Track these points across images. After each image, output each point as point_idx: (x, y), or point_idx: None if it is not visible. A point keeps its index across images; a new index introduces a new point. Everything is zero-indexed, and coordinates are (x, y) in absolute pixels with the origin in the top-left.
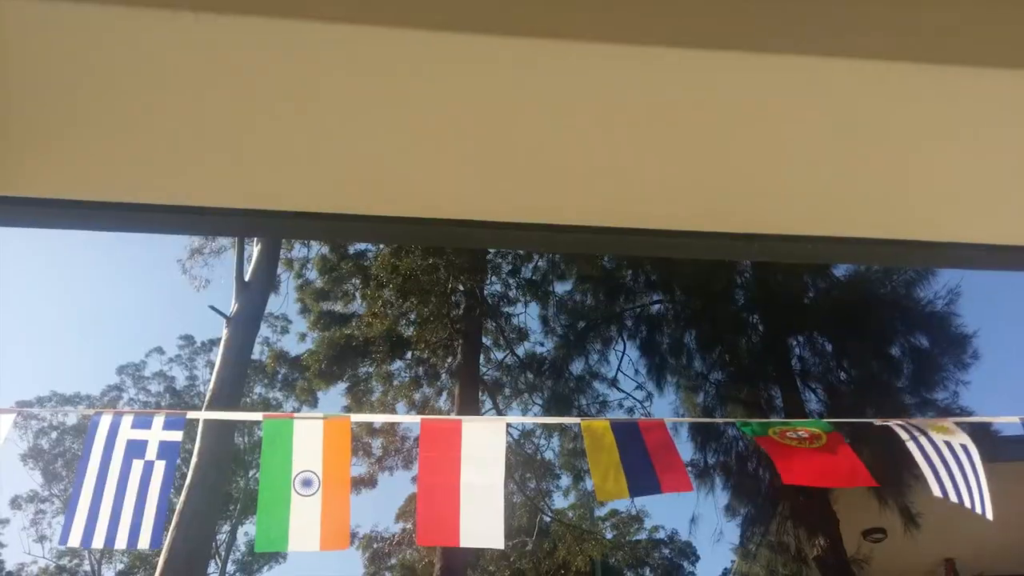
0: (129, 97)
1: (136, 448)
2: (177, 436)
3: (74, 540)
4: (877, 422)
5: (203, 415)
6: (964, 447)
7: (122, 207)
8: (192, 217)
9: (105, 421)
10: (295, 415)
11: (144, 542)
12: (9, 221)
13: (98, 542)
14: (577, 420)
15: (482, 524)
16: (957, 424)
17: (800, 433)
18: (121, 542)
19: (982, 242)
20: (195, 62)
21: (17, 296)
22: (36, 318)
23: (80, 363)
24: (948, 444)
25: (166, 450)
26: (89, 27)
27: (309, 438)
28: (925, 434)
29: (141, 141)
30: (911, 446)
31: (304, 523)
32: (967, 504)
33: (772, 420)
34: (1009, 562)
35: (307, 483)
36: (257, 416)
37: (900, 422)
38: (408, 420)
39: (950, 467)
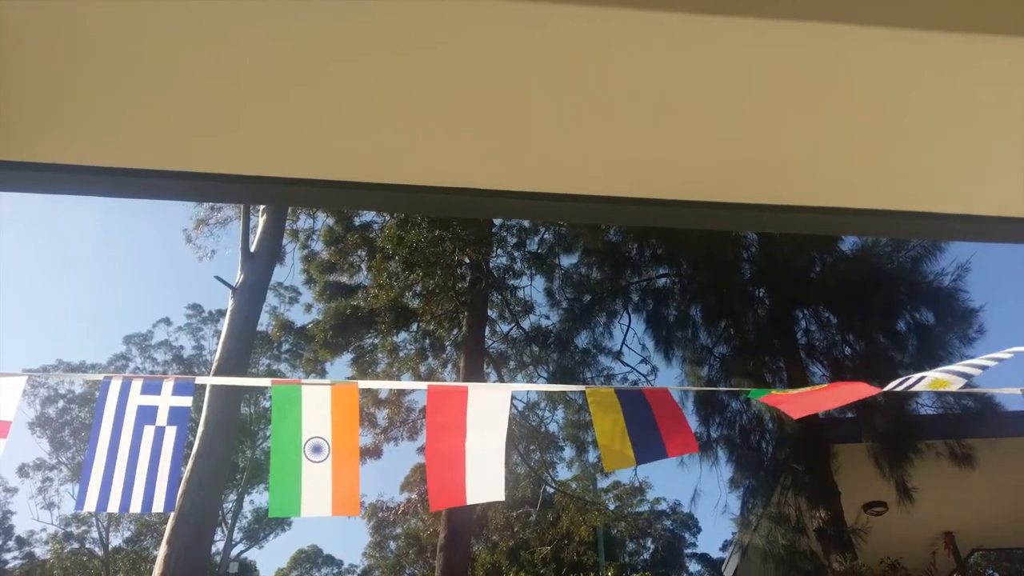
0: (133, 62)
1: (147, 414)
2: (187, 402)
3: (90, 505)
4: (883, 390)
5: (211, 380)
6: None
7: (125, 172)
8: (196, 183)
9: (115, 386)
10: (303, 381)
11: (158, 506)
12: (12, 186)
13: (113, 506)
14: (582, 388)
15: (485, 483)
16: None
17: (803, 390)
18: (136, 506)
19: (990, 214)
20: (199, 28)
21: (23, 266)
22: (42, 288)
23: (86, 333)
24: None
25: (176, 415)
26: None
27: (317, 405)
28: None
29: (145, 106)
30: (914, 387)
31: (315, 489)
32: (977, 371)
33: (773, 389)
34: (1007, 536)
35: (317, 449)
36: (265, 382)
37: (899, 386)
38: (415, 386)
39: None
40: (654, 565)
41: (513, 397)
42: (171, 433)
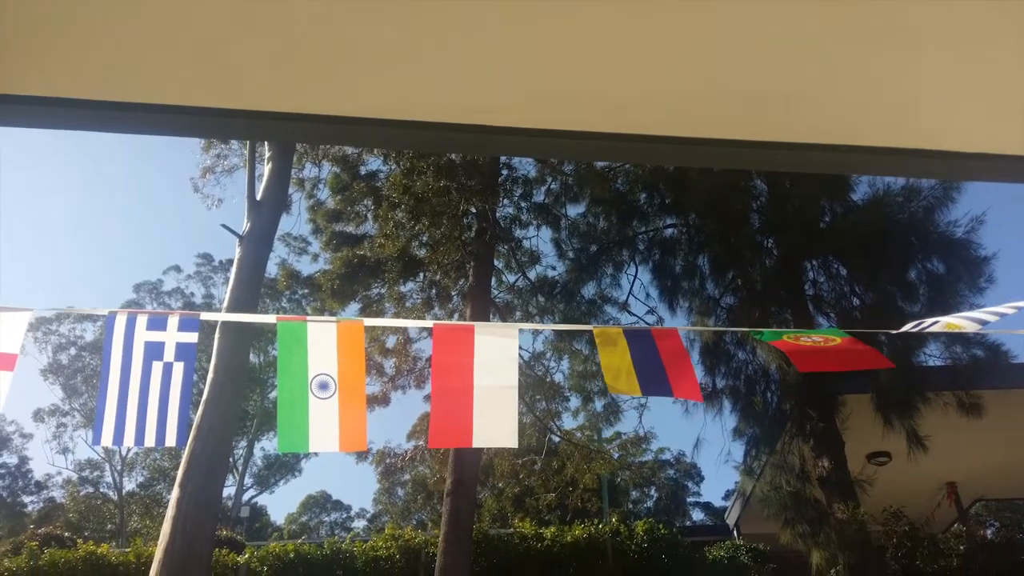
0: None
1: (154, 350)
2: (193, 338)
3: (106, 440)
4: (893, 332)
5: (216, 316)
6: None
7: (124, 107)
8: (197, 118)
9: (120, 322)
10: (308, 319)
11: (171, 440)
12: (18, 121)
13: (128, 441)
14: (590, 327)
15: (495, 426)
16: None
17: (815, 339)
18: (150, 440)
19: (1011, 153)
20: None
21: (33, 215)
22: (52, 236)
23: (97, 281)
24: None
25: (183, 352)
26: None
27: (323, 341)
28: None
29: (142, 37)
30: (927, 328)
31: (322, 425)
32: (994, 317)
33: (787, 330)
34: (1010, 486)
35: (323, 386)
36: (271, 319)
37: (914, 328)
38: (422, 324)
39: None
40: (657, 513)
41: (519, 348)
42: (179, 369)
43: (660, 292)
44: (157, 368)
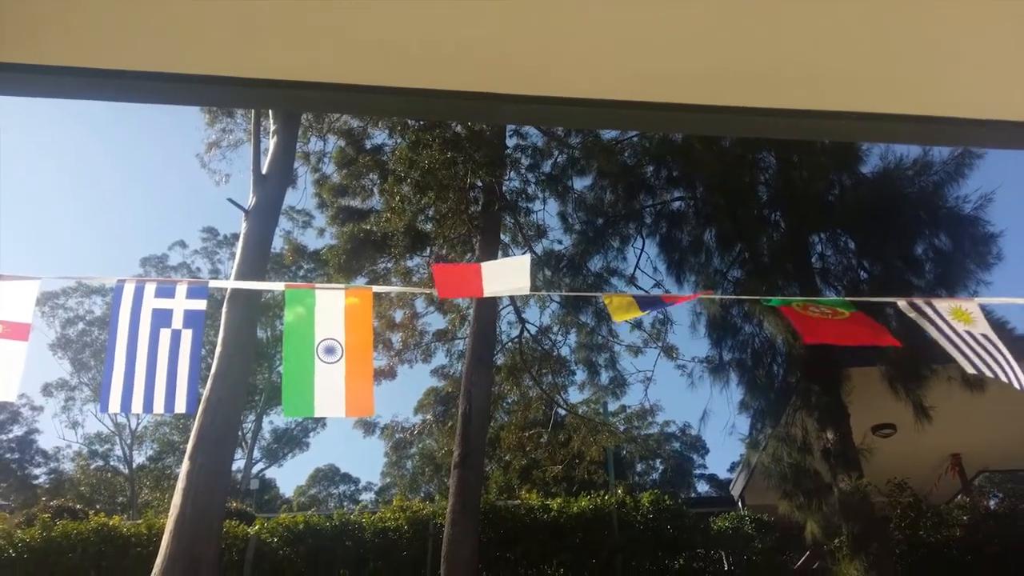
0: None
1: (162, 317)
2: (201, 305)
3: (113, 406)
4: (901, 302)
5: (223, 284)
6: (985, 336)
7: (134, 76)
8: (202, 87)
9: (128, 290)
10: (316, 286)
11: (181, 407)
12: (10, 90)
13: (136, 407)
14: (600, 295)
15: (506, 279)
16: (980, 305)
17: (822, 309)
18: (159, 407)
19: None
20: None
21: (36, 190)
22: (57, 211)
23: (103, 255)
24: (970, 333)
25: (192, 319)
26: None
27: (331, 308)
28: (946, 321)
29: (155, 8)
30: (932, 331)
31: (328, 390)
32: (1003, 378)
33: (796, 298)
34: (1014, 458)
35: (330, 351)
36: (279, 286)
37: (923, 302)
38: (430, 292)
39: (976, 349)
40: (663, 485)
41: (525, 321)
42: (187, 336)
43: (667, 266)
44: (165, 335)
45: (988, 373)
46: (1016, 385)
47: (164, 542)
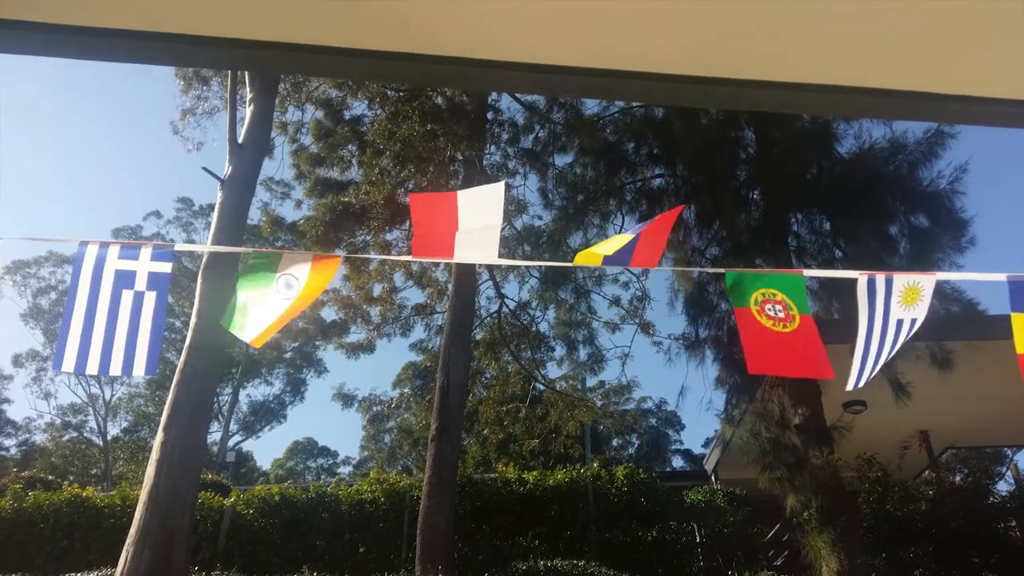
0: None
1: (125, 278)
2: (166, 268)
3: (67, 366)
4: (856, 274)
5: (190, 247)
6: (913, 321)
7: (103, 33)
8: (176, 46)
9: (92, 251)
10: (285, 251)
11: (139, 369)
12: None
13: (92, 368)
14: (569, 265)
15: (477, 249)
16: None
17: (777, 309)
18: (116, 369)
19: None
20: None
21: (4, 158)
22: (26, 178)
23: (74, 225)
24: (899, 323)
25: (156, 281)
26: None
27: (296, 266)
28: (887, 309)
29: None
30: (863, 321)
31: (259, 318)
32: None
33: (757, 275)
34: (979, 435)
35: (288, 286)
36: (246, 251)
37: (881, 275)
38: (404, 259)
39: (880, 355)
40: (639, 459)
41: (504, 296)
42: (150, 298)
43: None
44: (127, 296)
45: (861, 384)
46: (851, 385)
47: (137, 513)
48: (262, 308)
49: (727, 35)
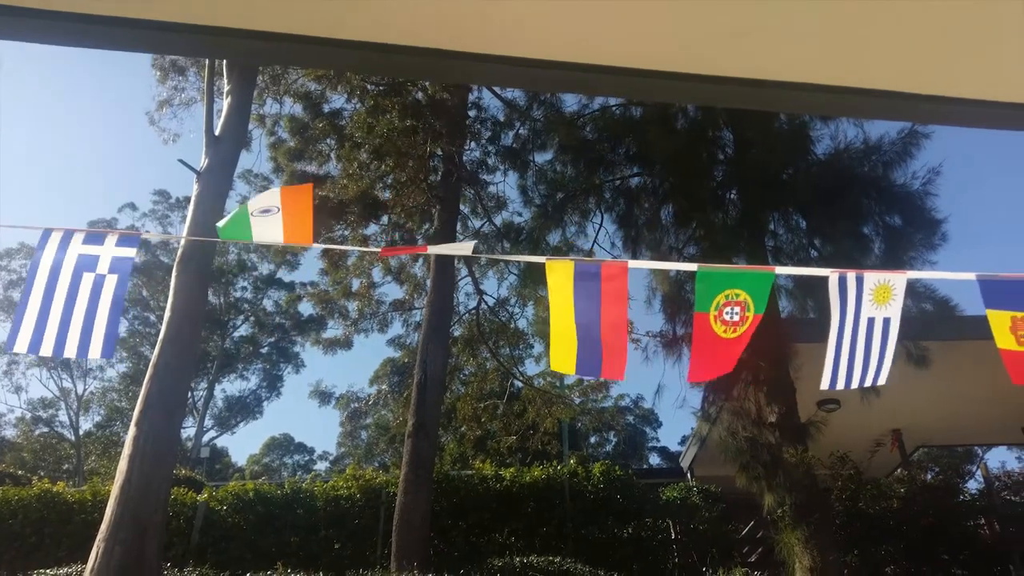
0: None
1: (87, 262)
2: (130, 253)
3: (20, 346)
4: (827, 271)
5: (158, 237)
6: (887, 320)
7: (83, 19)
8: (150, 32)
9: (55, 236)
10: (255, 240)
11: (95, 352)
12: None
13: (46, 350)
14: (543, 259)
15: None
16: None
17: (735, 312)
18: (71, 351)
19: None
20: None
21: None
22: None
23: (49, 218)
24: (870, 321)
25: (118, 265)
26: None
27: (264, 198)
28: (859, 306)
29: None
30: (835, 319)
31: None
32: (855, 384)
33: (729, 268)
34: (950, 434)
35: (266, 211)
36: (214, 239)
37: (852, 273)
38: (372, 251)
39: (854, 355)
40: (616, 457)
41: (483, 293)
42: (111, 281)
43: (624, 242)
44: (88, 279)
45: (839, 386)
46: (868, 384)
47: (109, 508)
48: (261, 230)
49: (706, 32)
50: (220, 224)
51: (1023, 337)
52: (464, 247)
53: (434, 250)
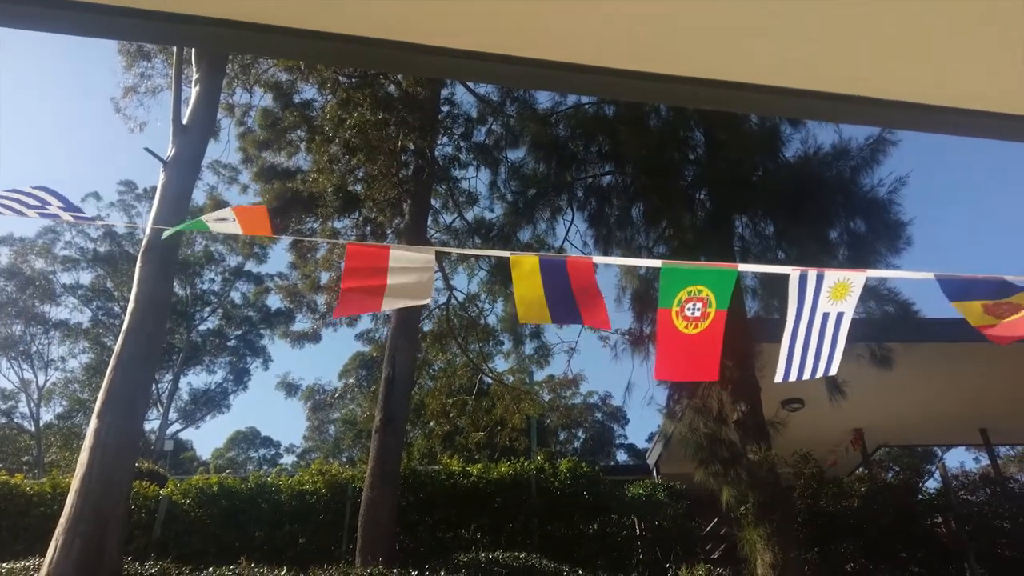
0: None
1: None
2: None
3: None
4: (789, 269)
5: (110, 223)
6: (840, 315)
7: (47, 3)
8: (115, 19)
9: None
10: (214, 229)
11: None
12: None
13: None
14: (507, 254)
15: (409, 290)
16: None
17: (696, 308)
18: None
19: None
20: None
21: None
22: None
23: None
24: (825, 316)
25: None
26: None
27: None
28: (816, 303)
29: None
30: (791, 315)
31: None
32: (807, 375)
33: (692, 265)
34: (910, 434)
35: (222, 220)
36: (168, 230)
37: (813, 271)
38: (336, 243)
39: (807, 347)
40: (584, 453)
41: (453, 288)
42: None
43: (595, 240)
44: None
45: (792, 378)
46: (820, 374)
47: (69, 500)
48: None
49: (681, 33)
50: (171, 231)
51: (1005, 312)
52: (426, 253)
53: (396, 253)
